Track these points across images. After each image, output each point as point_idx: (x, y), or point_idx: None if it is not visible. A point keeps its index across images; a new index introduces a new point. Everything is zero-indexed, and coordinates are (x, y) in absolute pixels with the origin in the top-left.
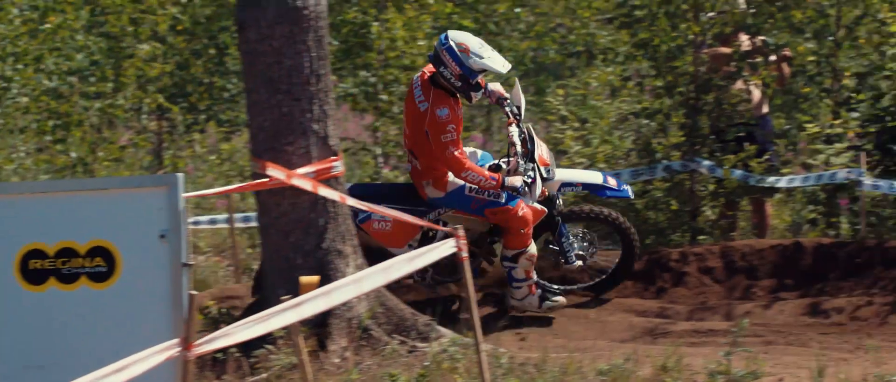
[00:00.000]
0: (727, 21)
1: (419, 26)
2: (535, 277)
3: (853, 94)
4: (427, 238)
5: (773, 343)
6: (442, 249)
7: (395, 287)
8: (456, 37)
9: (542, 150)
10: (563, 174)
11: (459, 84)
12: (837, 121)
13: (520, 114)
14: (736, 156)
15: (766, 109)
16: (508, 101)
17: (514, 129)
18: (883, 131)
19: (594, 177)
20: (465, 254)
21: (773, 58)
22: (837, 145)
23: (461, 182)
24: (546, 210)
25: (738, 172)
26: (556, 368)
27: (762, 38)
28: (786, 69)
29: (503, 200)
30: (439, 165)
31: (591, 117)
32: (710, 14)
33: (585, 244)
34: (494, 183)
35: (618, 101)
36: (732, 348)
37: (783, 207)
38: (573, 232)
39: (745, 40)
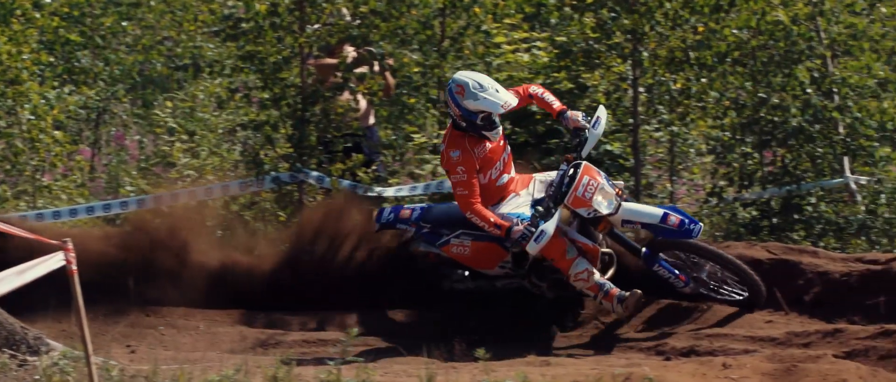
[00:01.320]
0: (333, 32)
1: (26, 40)
2: (600, 290)
3: None
4: (519, 258)
5: (382, 352)
6: (50, 263)
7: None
8: (457, 78)
9: (587, 191)
10: (627, 210)
11: (465, 125)
12: (444, 132)
13: (582, 148)
14: (343, 166)
15: (372, 120)
16: (585, 131)
17: (564, 166)
18: None
19: (653, 214)
20: (74, 268)
21: (378, 68)
22: None
23: None
24: (598, 247)
25: (346, 182)
26: (166, 380)
27: (368, 48)
28: (390, 80)
29: (516, 240)
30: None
31: (200, 129)
32: (316, 26)
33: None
34: (498, 231)
35: (226, 113)
36: (342, 356)
37: None
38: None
39: (350, 51)
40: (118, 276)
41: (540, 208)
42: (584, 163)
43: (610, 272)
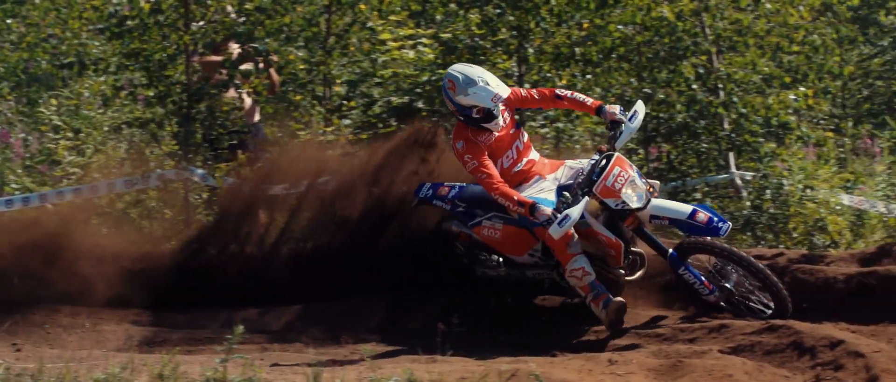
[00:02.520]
0: (218, 29)
1: None
2: (591, 292)
3: (345, 102)
4: (548, 248)
5: (268, 349)
6: None
7: None
8: (449, 73)
9: (617, 182)
10: (656, 205)
11: (462, 118)
12: (329, 129)
13: (616, 140)
14: (228, 165)
15: (257, 117)
16: (622, 124)
17: (596, 156)
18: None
19: (681, 210)
20: None
21: (262, 65)
22: None
23: None
24: (621, 243)
25: (231, 180)
26: (52, 378)
27: (253, 45)
28: (275, 77)
29: (539, 222)
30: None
31: (85, 127)
32: (201, 23)
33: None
34: (522, 209)
35: (111, 111)
36: (228, 354)
37: None
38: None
39: (235, 48)
40: (2, 275)
41: (567, 194)
42: (616, 154)
43: (639, 272)
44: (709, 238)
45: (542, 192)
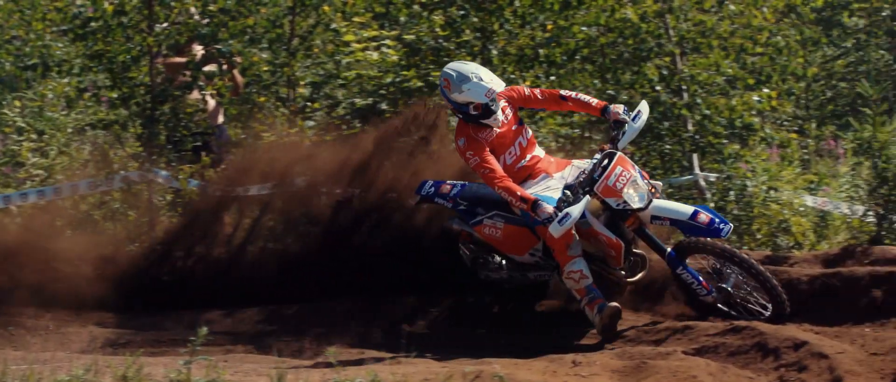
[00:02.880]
0: (182, 31)
1: None
2: (587, 295)
3: (309, 103)
4: (549, 247)
5: (232, 351)
6: None
7: None
8: (443, 71)
9: (618, 181)
10: (657, 206)
11: (461, 116)
12: (293, 131)
13: (619, 140)
14: (192, 167)
15: (221, 119)
16: (626, 124)
17: (598, 155)
18: None
19: (682, 211)
20: None
21: (226, 67)
22: None
23: None
24: (622, 243)
25: (195, 182)
26: (16, 380)
27: (217, 47)
28: (239, 78)
29: (540, 219)
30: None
31: (49, 129)
32: (165, 24)
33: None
34: (524, 205)
35: (75, 113)
36: (192, 356)
37: None
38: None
39: (199, 50)
40: None
41: (568, 193)
42: (618, 153)
43: (640, 274)
44: (709, 238)
45: (549, 191)
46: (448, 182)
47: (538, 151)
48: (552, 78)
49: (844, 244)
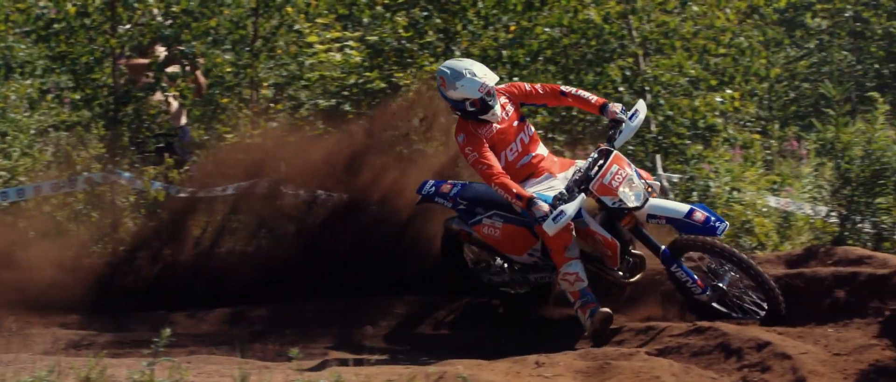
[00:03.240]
0: (144, 32)
1: None
2: (580, 298)
3: (272, 104)
4: (548, 248)
5: (196, 352)
6: None
7: None
8: (439, 69)
9: (614, 180)
10: (653, 205)
11: (460, 113)
12: (256, 132)
13: (616, 138)
14: (156, 168)
15: (184, 120)
16: (622, 124)
17: (594, 155)
18: None
19: (678, 209)
20: None
21: (189, 68)
22: None
23: None
24: (617, 242)
25: (159, 184)
26: None
27: (180, 48)
28: (202, 80)
29: (535, 216)
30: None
31: (11, 131)
32: (127, 26)
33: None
34: (520, 202)
35: (37, 114)
36: (155, 357)
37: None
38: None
39: (162, 51)
40: None
41: (564, 191)
42: (614, 152)
43: (638, 275)
44: (704, 236)
45: (551, 191)
46: (449, 181)
47: (541, 150)
48: (515, 79)
49: (807, 244)
